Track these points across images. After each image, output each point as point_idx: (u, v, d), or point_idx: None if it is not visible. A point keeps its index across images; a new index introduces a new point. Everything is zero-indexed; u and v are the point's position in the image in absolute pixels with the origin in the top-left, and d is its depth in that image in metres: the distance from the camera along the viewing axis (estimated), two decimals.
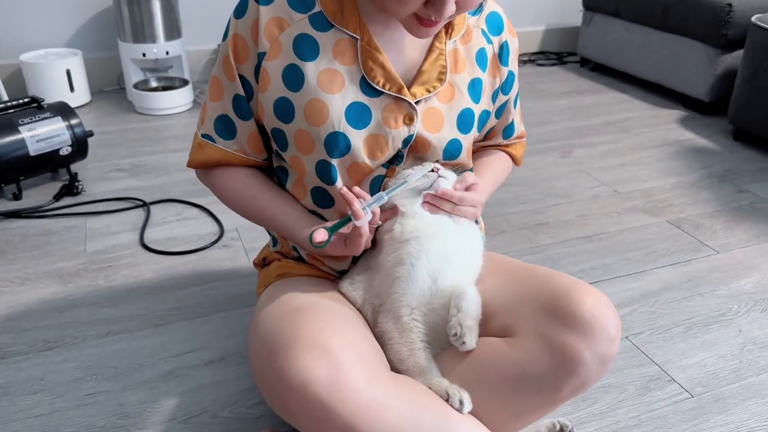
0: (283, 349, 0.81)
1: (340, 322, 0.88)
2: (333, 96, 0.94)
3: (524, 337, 0.88)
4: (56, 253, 1.67)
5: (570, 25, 3.71)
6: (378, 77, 0.94)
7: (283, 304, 0.93)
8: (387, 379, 0.84)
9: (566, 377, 0.85)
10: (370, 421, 0.79)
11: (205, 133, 1.03)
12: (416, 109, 0.96)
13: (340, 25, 0.93)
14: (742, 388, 1.27)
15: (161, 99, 2.64)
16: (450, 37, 0.99)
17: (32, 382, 1.24)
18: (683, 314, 1.49)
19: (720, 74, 2.68)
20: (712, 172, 2.25)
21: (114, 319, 1.42)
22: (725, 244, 1.79)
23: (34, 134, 1.90)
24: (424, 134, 0.98)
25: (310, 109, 0.94)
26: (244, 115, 1.00)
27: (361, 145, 0.95)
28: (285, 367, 0.79)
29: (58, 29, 2.77)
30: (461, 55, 1.01)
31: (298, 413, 0.80)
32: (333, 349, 0.80)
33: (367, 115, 0.95)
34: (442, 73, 0.98)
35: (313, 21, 0.93)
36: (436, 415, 0.84)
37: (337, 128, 0.94)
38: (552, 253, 1.72)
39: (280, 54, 0.94)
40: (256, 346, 0.89)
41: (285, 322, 0.87)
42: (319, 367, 0.79)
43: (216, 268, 1.62)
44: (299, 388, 0.78)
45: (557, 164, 2.28)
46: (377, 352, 0.90)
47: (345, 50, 0.94)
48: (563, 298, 0.87)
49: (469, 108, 1.02)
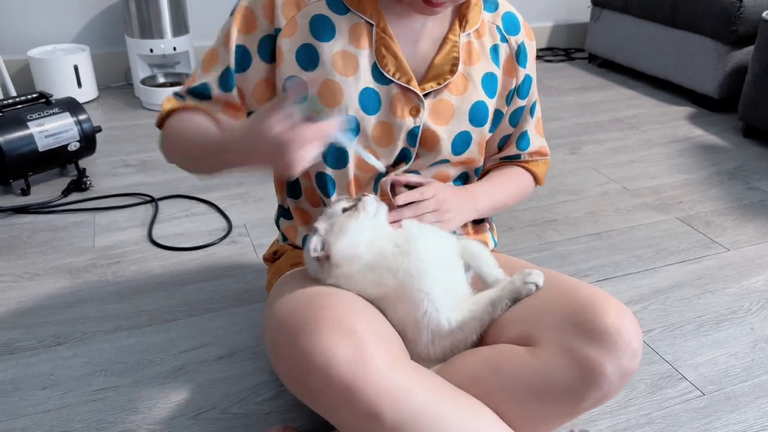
0: (307, 329, 0.80)
1: (361, 308, 0.87)
2: (348, 78, 0.94)
3: (547, 348, 0.87)
4: (65, 249, 1.67)
5: (578, 21, 3.69)
6: (389, 65, 0.95)
7: (301, 290, 0.92)
8: (409, 367, 0.83)
9: (588, 390, 0.84)
10: (393, 404, 0.78)
11: (177, 92, 1.02)
12: (423, 101, 0.96)
13: (357, 10, 0.94)
14: (754, 387, 1.26)
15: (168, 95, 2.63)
16: (464, 29, 0.99)
17: (42, 378, 1.24)
18: (694, 312, 1.48)
19: (730, 71, 2.66)
20: (722, 170, 2.23)
21: (123, 315, 1.42)
22: (736, 242, 1.78)
23: (43, 130, 1.90)
24: (431, 126, 0.98)
25: (324, 90, 0.94)
26: (227, 87, 0.99)
27: (371, 130, 0.96)
28: (308, 347, 0.78)
29: (66, 25, 2.77)
30: (475, 48, 1.00)
31: (320, 394, 0.79)
32: (359, 330, 0.79)
33: (377, 102, 0.96)
34: (455, 65, 0.98)
35: (331, 3, 0.94)
36: (458, 404, 0.84)
37: (350, 111, 0.94)
38: (561, 251, 1.72)
39: (295, 33, 0.94)
40: (275, 329, 0.87)
41: (307, 304, 0.86)
42: (343, 347, 0.77)
43: (224, 264, 1.61)
44: (323, 368, 0.77)
45: (566, 161, 2.27)
46: (399, 340, 0.89)
47: (361, 35, 0.94)
48: (587, 311, 0.86)
49: (482, 101, 1.01)
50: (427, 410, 0.80)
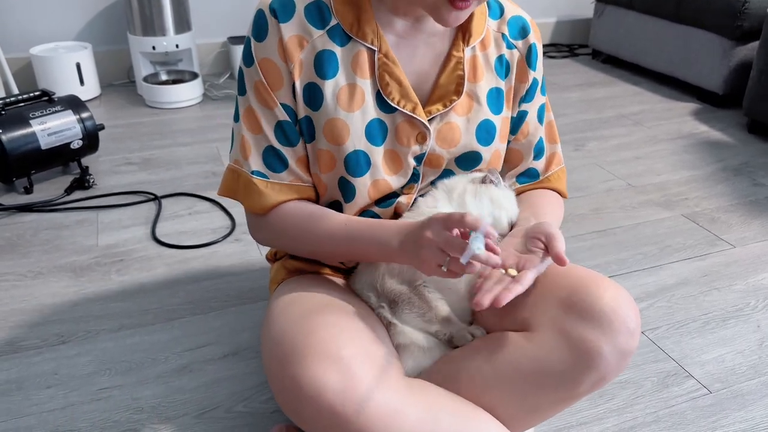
0: (296, 357, 0.80)
1: (352, 327, 0.86)
2: (353, 114, 0.92)
3: (542, 332, 0.87)
4: (68, 247, 1.66)
5: (582, 17, 3.67)
6: (393, 93, 0.92)
7: (295, 305, 0.92)
8: (401, 385, 0.83)
9: (585, 372, 0.84)
10: (384, 429, 0.78)
11: (256, 170, 0.95)
12: (429, 129, 0.94)
13: (357, 36, 0.91)
14: (761, 384, 1.26)
15: (171, 92, 2.63)
16: (468, 43, 0.96)
17: (46, 377, 1.24)
18: (700, 309, 1.47)
19: (735, 66, 2.65)
20: (727, 166, 2.22)
21: (126, 313, 1.42)
22: (741, 239, 1.77)
23: (45, 128, 1.90)
24: (437, 150, 0.96)
25: (330, 129, 0.92)
26: (291, 142, 0.95)
27: (381, 161, 0.94)
28: (297, 376, 0.78)
29: (68, 22, 2.76)
30: (480, 63, 0.97)
31: (312, 422, 0.79)
32: (345, 357, 0.79)
33: (384, 131, 0.94)
34: (460, 84, 0.95)
35: (332, 35, 0.91)
36: (453, 418, 0.83)
37: (358, 146, 0.92)
38: (567, 248, 1.69)
39: (301, 73, 0.91)
40: (270, 349, 0.88)
41: (297, 326, 0.85)
42: (331, 376, 0.77)
43: (228, 262, 1.61)
44: (312, 396, 0.77)
45: (570, 157, 2.26)
46: (391, 357, 0.88)
47: (364, 63, 0.92)
48: (581, 291, 0.86)
49: (488, 120, 0.98)
50: (421, 429, 0.80)
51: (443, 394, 0.87)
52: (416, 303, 0.95)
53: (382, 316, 0.97)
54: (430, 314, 0.94)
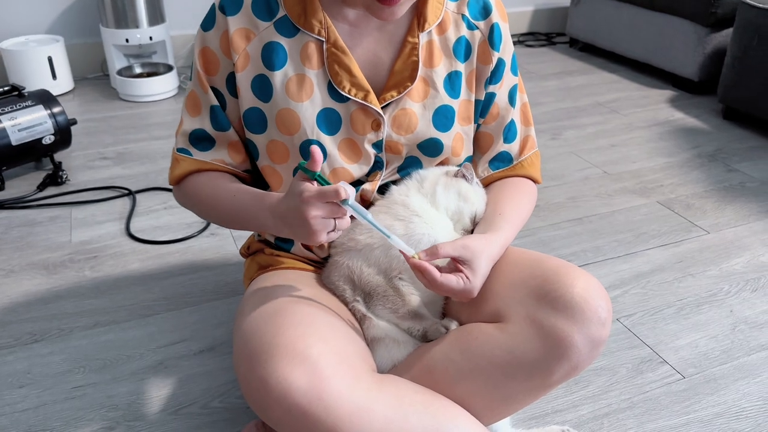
0: (262, 357, 0.79)
1: (321, 324, 0.85)
2: (303, 104, 0.92)
3: (515, 322, 0.87)
4: (41, 244, 1.64)
5: (559, 5, 3.68)
6: (344, 82, 0.92)
7: (264, 303, 0.91)
8: (371, 382, 0.82)
9: (557, 361, 0.84)
10: (353, 428, 0.78)
11: (180, 147, 1.01)
12: (383, 116, 0.94)
13: (304, 27, 0.92)
14: (733, 369, 1.27)
15: (145, 85, 2.60)
16: (423, 28, 0.94)
17: (18, 376, 1.23)
18: (674, 295, 1.49)
19: (709, 53, 2.67)
20: (702, 152, 2.24)
21: (101, 310, 1.40)
22: (715, 224, 1.78)
23: (15, 123, 1.86)
24: (394, 137, 0.96)
25: (282, 119, 0.93)
26: (221, 126, 0.98)
27: (336, 150, 0.95)
28: (265, 376, 0.77)
29: (39, 15, 2.71)
30: (437, 47, 0.96)
31: (281, 422, 0.79)
32: (312, 356, 0.78)
33: (338, 120, 0.94)
34: (415, 69, 0.94)
35: (279, 27, 0.92)
36: (422, 415, 0.83)
37: (311, 136, 0.93)
38: (543, 236, 1.72)
39: (248, 65, 0.93)
40: (239, 348, 0.87)
41: (266, 325, 0.85)
42: (298, 376, 0.77)
43: (203, 257, 1.60)
44: (279, 397, 0.76)
45: (547, 146, 2.27)
46: (361, 353, 0.88)
47: (312, 54, 0.92)
48: (553, 281, 0.86)
49: (446, 105, 0.97)
50: (390, 427, 0.80)
51: (415, 390, 0.87)
52: (391, 298, 0.95)
53: (356, 309, 0.97)
54: (403, 310, 0.95)
